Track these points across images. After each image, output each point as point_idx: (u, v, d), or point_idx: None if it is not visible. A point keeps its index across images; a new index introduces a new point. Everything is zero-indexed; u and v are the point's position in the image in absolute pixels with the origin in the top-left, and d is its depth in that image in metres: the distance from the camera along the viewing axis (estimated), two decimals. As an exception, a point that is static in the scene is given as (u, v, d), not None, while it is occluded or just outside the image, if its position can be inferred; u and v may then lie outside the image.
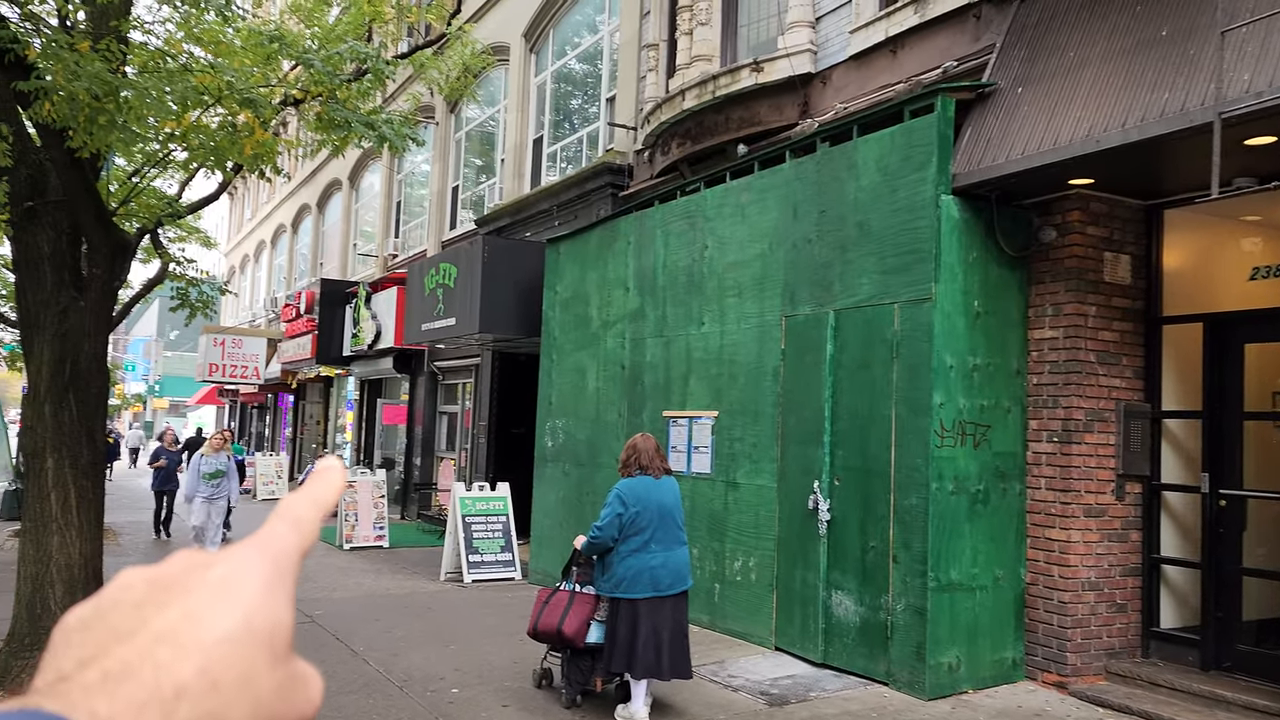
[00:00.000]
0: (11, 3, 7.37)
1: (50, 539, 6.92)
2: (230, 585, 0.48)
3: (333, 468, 0.57)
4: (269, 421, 32.77)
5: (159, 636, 0.45)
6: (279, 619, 0.48)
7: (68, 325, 7.04)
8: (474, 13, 16.94)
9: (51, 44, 5.78)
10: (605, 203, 12.60)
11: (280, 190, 31.73)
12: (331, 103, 7.17)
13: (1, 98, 6.63)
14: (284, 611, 0.49)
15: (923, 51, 8.44)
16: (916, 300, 6.99)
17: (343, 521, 14.21)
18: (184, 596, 0.47)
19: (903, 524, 6.93)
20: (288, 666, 0.48)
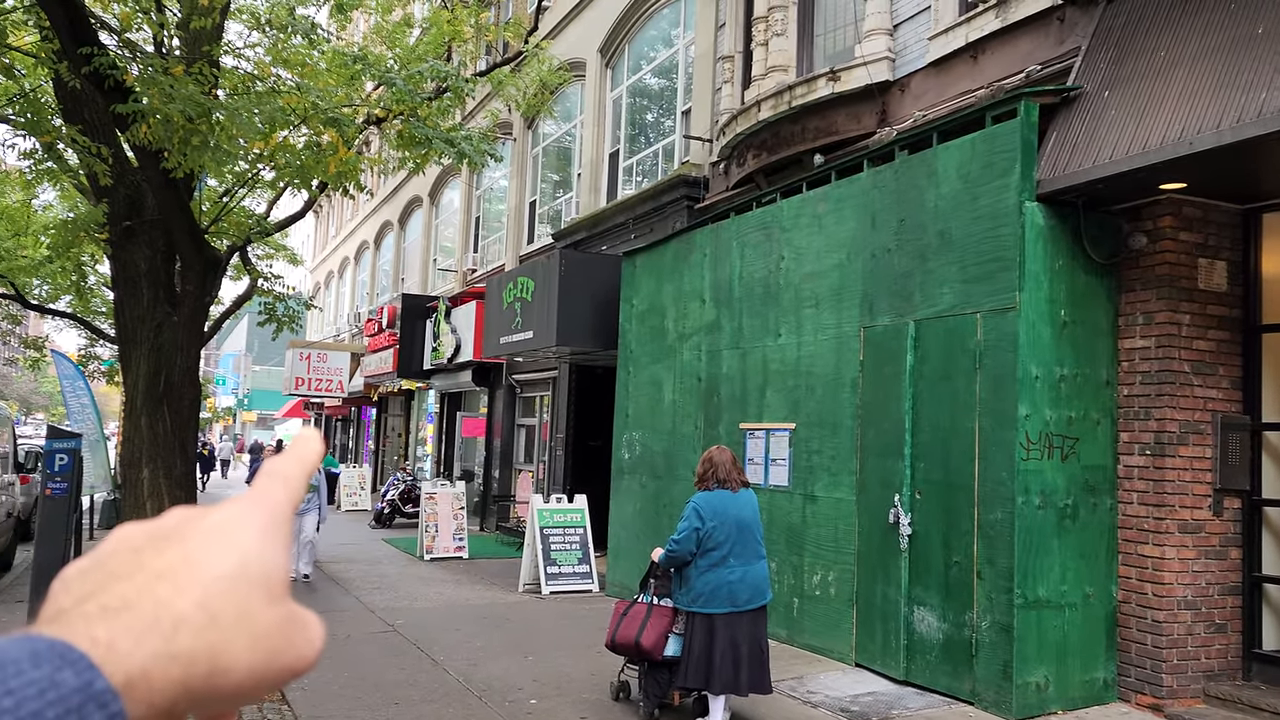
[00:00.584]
0: (110, 30, 7.70)
1: (145, 546, 7.17)
2: (226, 531, 0.50)
3: (311, 435, 0.59)
4: (352, 434, 33.51)
5: (158, 574, 0.46)
6: (273, 562, 0.50)
7: (162, 340, 7.30)
8: (551, 30, 17.15)
9: (148, 68, 6.02)
10: (681, 215, 12.61)
11: (363, 208, 32.51)
12: (413, 121, 7.32)
13: (102, 121, 6.93)
14: (278, 556, 0.51)
15: (1004, 56, 8.28)
16: (1000, 309, 6.83)
17: (423, 533, 14.43)
18: (181, 543, 0.49)
19: (987, 539, 6.76)
20: (285, 608, 0.50)
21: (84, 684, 0.41)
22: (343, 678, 7.57)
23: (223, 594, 0.47)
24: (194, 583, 0.47)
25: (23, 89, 8.42)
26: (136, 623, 0.44)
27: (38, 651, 0.41)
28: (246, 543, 0.49)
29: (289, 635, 0.50)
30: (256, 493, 0.53)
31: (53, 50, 6.85)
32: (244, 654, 0.47)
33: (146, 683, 0.43)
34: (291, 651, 0.49)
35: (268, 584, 0.49)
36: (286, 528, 0.53)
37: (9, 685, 0.39)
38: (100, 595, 0.46)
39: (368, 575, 12.75)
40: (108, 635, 0.44)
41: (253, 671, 0.47)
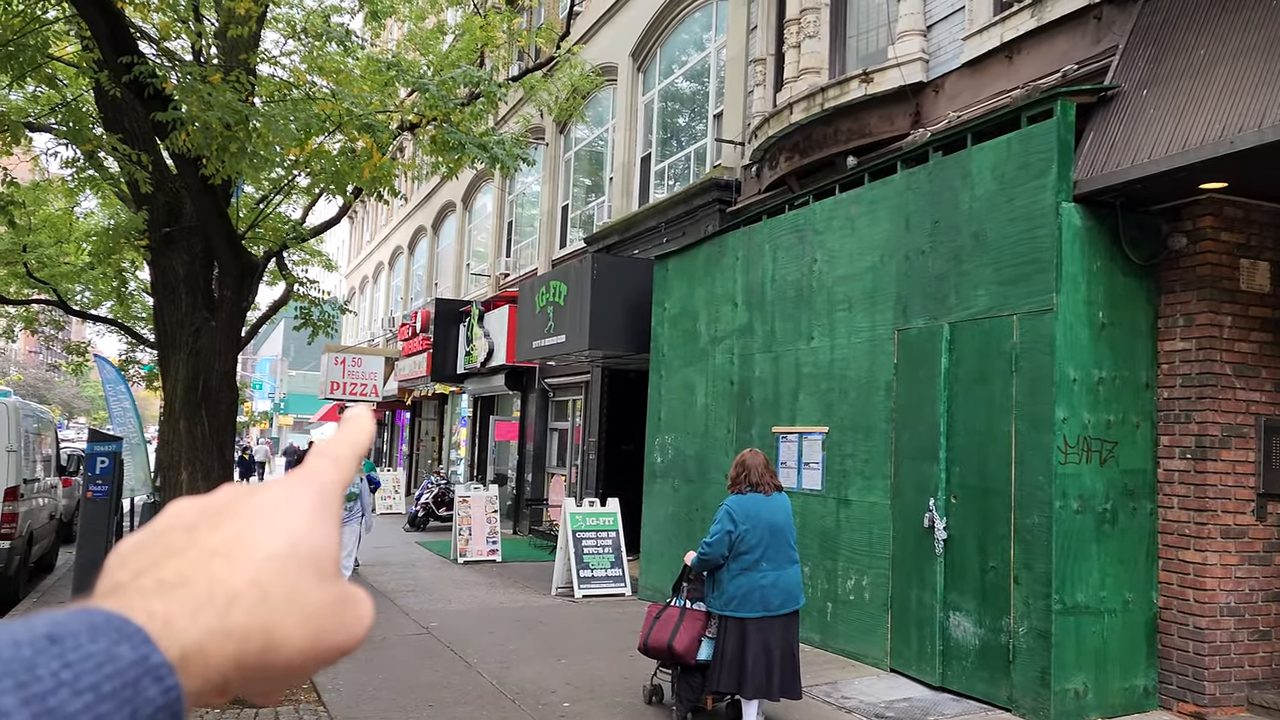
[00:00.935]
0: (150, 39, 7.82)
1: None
2: (278, 509, 0.51)
3: (361, 414, 0.60)
4: (386, 438, 33.77)
5: (213, 551, 0.47)
6: (324, 542, 0.51)
7: (200, 344, 7.40)
8: (582, 35, 17.21)
9: (186, 76, 6.11)
10: (713, 219, 12.60)
11: (397, 213, 32.78)
12: (446, 126, 7.37)
13: (142, 129, 7.04)
14: (329, 536, 0.52)
15: (1040, 56, 8.19)
16: (1037, 311, 6.75)
17: (456, 536, 14.50)
18: (235, 519, 0.49)
19: (1024, 544, 6.68)
20: (335, 587, 0.51)
21: (141, 657, 0.42)
22: (377, 679, 7.62)
23: (275, 572, 0.48)
24: (247, 560, 0.47)
25: (64, 98, 8.58)
26: (192, 598, 0.45)
27: (95, 625, 0.42)
28: (296, 522, 0.50)
29: (339, 613, 0.50)
30: (306, 472, 0.54)
31: (93, 59, 6.98)
32: (295, 631, 0.48)
33: (202, 657, 0.44)
34: (342, 630, 0.50)
35: (318, 563, 0.50)
36: (336, 507, 0.53)
37: (68, 658, 0.40)
38: (156, 570, 0.47)
39: (402, 578, 12.83)
40: (164, 610, 0.44)
41: (303, 649, 0.48)
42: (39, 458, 12.23)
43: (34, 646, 0.40)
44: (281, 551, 0.49)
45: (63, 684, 0.39)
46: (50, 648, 0.40)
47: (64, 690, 0.39)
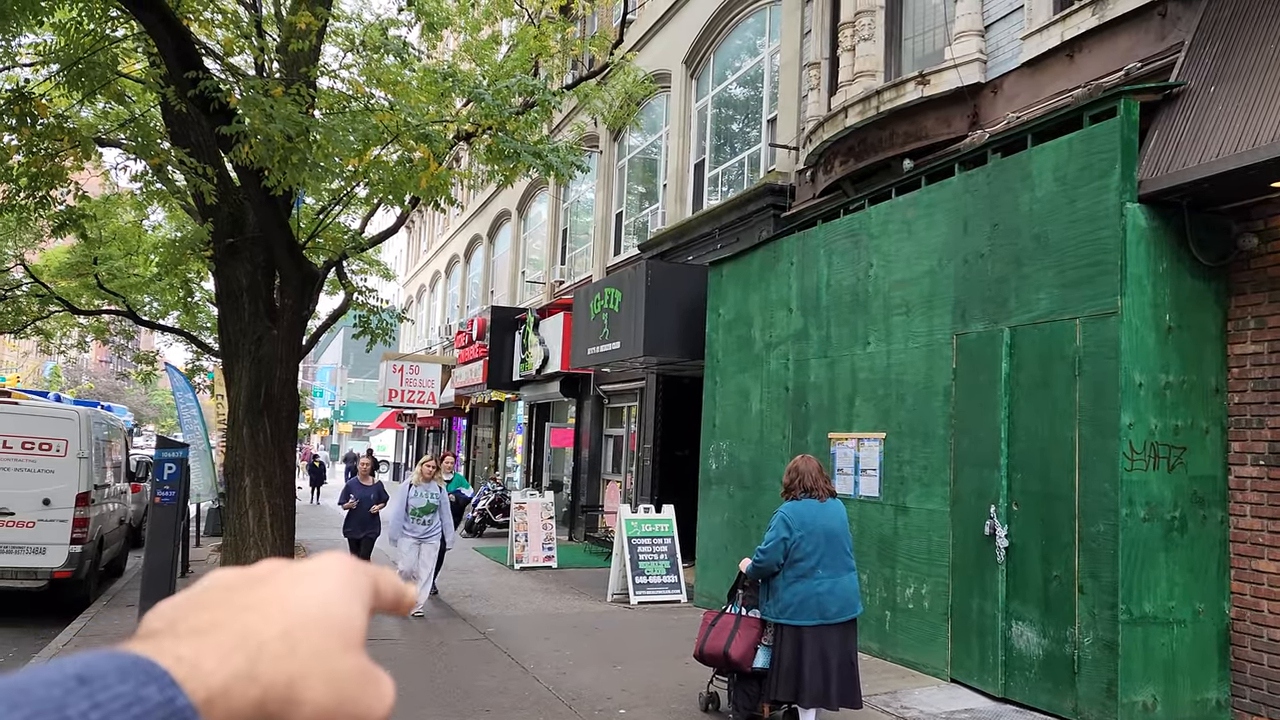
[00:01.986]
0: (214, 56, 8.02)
1: (249, 553, 7.41)
2: (314, 577, 0.53)
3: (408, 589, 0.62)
4: (444, 445, 34.12)
5: (246, 606, 0.49)
6: (353, 614, 0.53)
7: (262, 352, 7.54)
8: (636, 42, 17.26)
9: (250, 90, 6.25)
10: (767, 224, 12.54)
11: (453, 222, 33.16)
12: (501, 135, 7.43)
13: (207, 142, 7.21)
14: (358, 611, 0.54)
15: (1102, 54, 8.02)
16: (1101, 315, 6.60)
17: (513, 542, 14.59)
18: (272, 585, 0.52)
19: (1089, 552, 6.53)
20: (360, 660, 0.52)
21: (166, 699, 0.43)
22: (435, 683, 7.69)
23: (305, 630, 0.49)
24: (280, 615, 0.49)
25: (132, 114, 8.82)
26: (223, 644, 0.46)
27: (123, 668, 0.43)
28: (331, 590, 0.52)
29: (361, 685, 0.51)
30: (349, 560, 0.57)
31: (160, 75, 7.17)
32: (318, 691, 0.48)
33: (226, 701, 0.45)
34: (362, 702, 0.51)
35: (347, 632, 0.51)
36: (368, 594, 0.56)
37: (97, 699, 0.41)
38: (189, 620, 0.48)
39: (459, 583, 12.94)
40: (193, 654, 0.45)
41: (324, 709, 0.49)
42: (109, 464, 12.57)
43: (64, 687, 0.41)
44: (313, 612, 0.50)
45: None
46: (79, 688, 0.41)
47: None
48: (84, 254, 13.56)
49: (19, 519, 10.38)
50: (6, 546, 10.34)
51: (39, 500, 10.50)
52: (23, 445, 10.61)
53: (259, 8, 8.53)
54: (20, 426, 10.68)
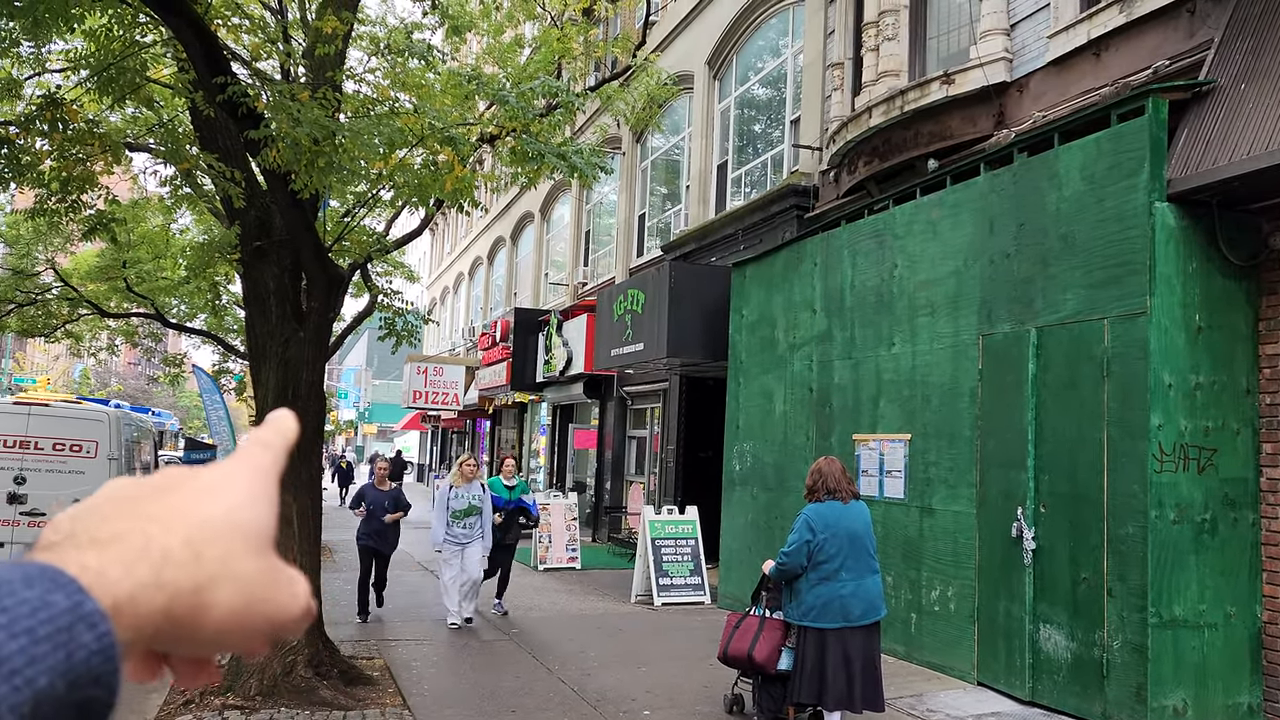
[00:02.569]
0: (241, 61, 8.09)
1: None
2: (216, 485, 0.54)
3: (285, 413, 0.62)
4: (467, 446, 34.25)
5: (149, 517, 0.50)
6: (260, 516, 0.53)
7: (289, 354, 7.60)
8: (658, 44, 17.27)
9: (277, 94, 6.30)
10: (790, 225, 12.51)
11: (477, 225, 33.29)
12: (525, 137, 7.45)
13: (235, 147, 7.28)
14: (265, 512, 0.54)
15: (1130, 52, 7.95)
16: (1129, 315, 6.54)
17: (536, 543, 14.62)
18: (174, 494, 0.52)
19: (1118, 554, 6.47)
20: (269, 561, 0.53)
21: (73, 605, 0.44)
22: (461, 685, 7.72)
23: (208, 537, 0.50)
24: (182, 524, 0.50)
25: (161, 119, 8.91)
26: (126, 553, 0.47)
27: (29, 575, 0.44)
28: (234, 496, 0.53)
29: (272, 586, 0.52)
30: (244, 455, 0.57)
31: (189, 80, 7.24)
32: (225, 594, 0.49)
33: (133, 608, 0.46)
34: (273, 602, 0.52)
35: (253, 534, 0.52)
36: (273, 488, 0.56)
37: (3, 604, 0.42)
38: (91, 531, 0.49)
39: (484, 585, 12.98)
40: (98, 563, 0.46)
41: (233, 612, 0.50)
42: (138, 465, 12.70)
43: None
44: (217, 518, 0.51)
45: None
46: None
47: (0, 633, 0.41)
48: (113, 258, 13.72)
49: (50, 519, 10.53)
50: (38, 546, 10.48)
51: (70, 501, 10.63)
52: (54, 446, 10.76)
53: (285, 13, 8.60)
54: (51, 428, 10.83)
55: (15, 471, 10.58)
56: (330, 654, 7.51)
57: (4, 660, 0.41)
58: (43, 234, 13.35)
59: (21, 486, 10.54)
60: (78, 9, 6.15)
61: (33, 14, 5.89)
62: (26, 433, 10.71)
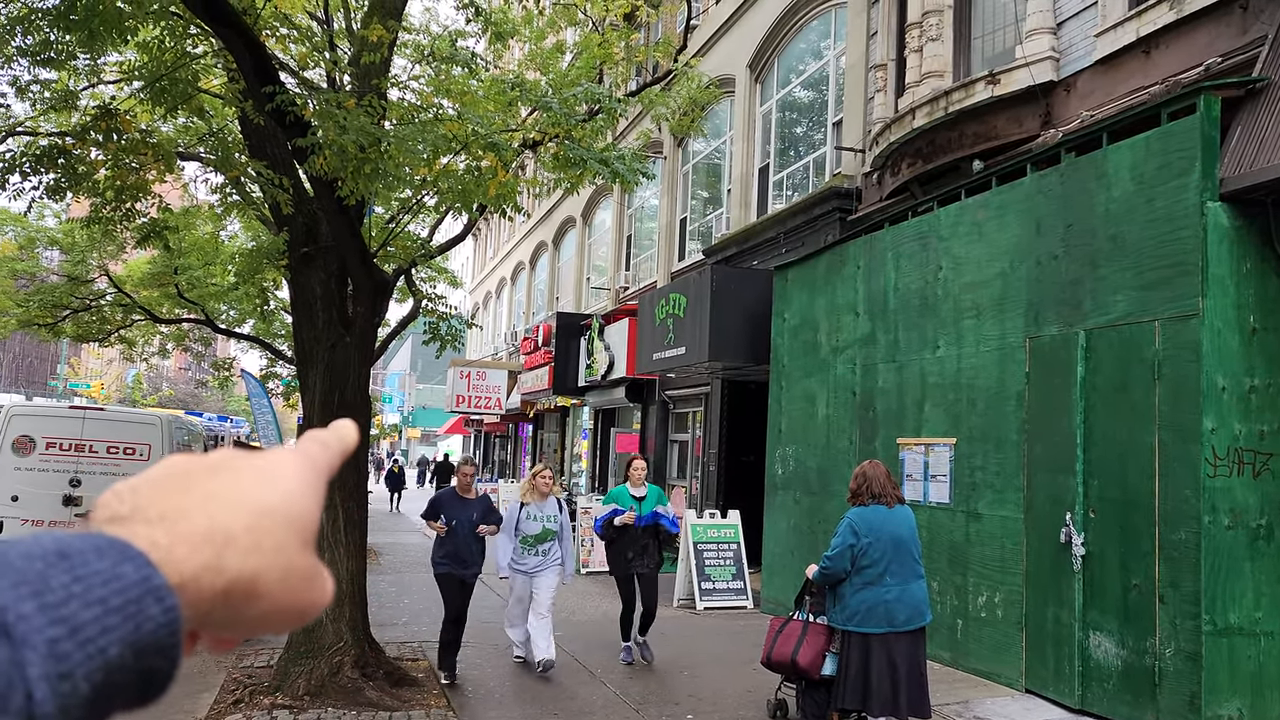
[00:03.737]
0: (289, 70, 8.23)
1: (321, 555, 7.50)
2: (273, 472, 0.54)
3: (348, 424, 0.63)
4: (510, 450, 34.44)
5: (211, 495, 0.51)
6: (311, 511, 0.54)
7: (336, 358, 7.70)
8: (700, 48, 17.27)
9: (324, 102, 6.40)
10: (833, 228, 12.44)
11: (519, 230, 33.50)
12: (567, 142, 7.50)
13: (283, 155, 7.40)
14: (314, 508, 0.55)
15: (1180, 50, 7.81)
16: (1181, 317, 6.42)
17: (579, 547, 14.66)
18: (232, 474, 0.53)
19: (1170, 561, 6.34)
20: (311, 556, 0.54)
21: (143, 578, 0.45)
22: (504, 686, 7.76)
23: (267, 526, 0.51)
24: (244, 508, 0.51)
25: (211, 129, 9.09)
26: (193, 533, 0.49)
27: (100, 547, 0.45)
28: (291, 487, 0.54)
29: (308, 581, 0.53)
30: (301, 449, 0.58)
31: (238, 90, 7.37)
32: (275, 584, 0.51)
33: (195, 586, 0.47)
34: (305, 596, 0.53)
35: (303, 529, 0.53)
36: (323, 485, 0.57)
37: (77, 573, 0.43)
38: (156, 506, 0.50)
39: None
40: (167, 540, 0.48)
41: (276, 603, 0.51)
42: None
43: (45, 560, 0.43)
44: (276, 508, 0.52)
45: (73, 595, 0.43)
46: (60, 562, 0.43)
47: (75, 601, 0.42)
48: (165, 264, 13.99)
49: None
50: (93, 547, 10.71)
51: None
52: (108, 450, 10.99)
53: (331, 22, 8.73)
54: (105, 432, 11.07)
55: (71, 474, 10.82)
56: (376, 655, 7.59)
57: (80, 628, 0.42)
58: (97, 241, 13.65)
59: (77, 489, 10.78)
60: (132, 21, 6.30)
61: (88, 27, 6.04)
62: (82, 436, 10.96)
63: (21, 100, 8.13)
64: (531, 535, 8.08)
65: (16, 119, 9.16)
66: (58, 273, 16.19)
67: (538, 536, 8.10)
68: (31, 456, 10.82)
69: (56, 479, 10.79)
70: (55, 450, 10.87)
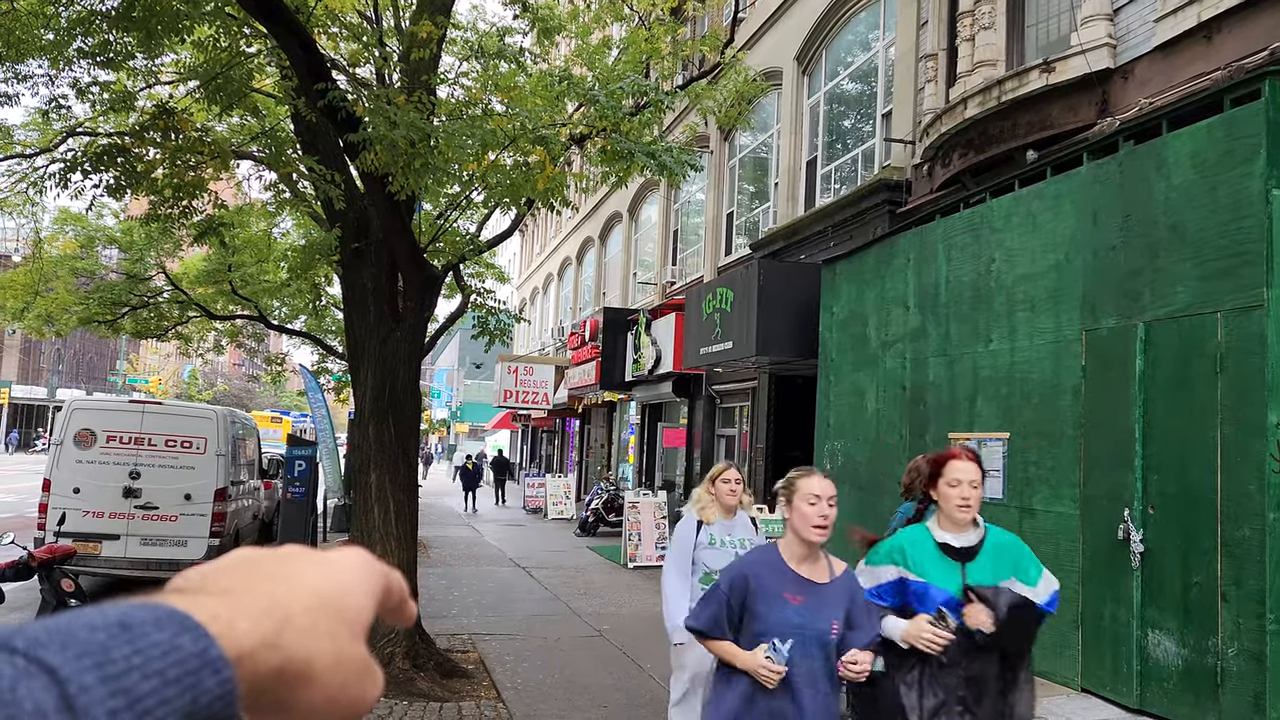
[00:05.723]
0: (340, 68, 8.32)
1: (374, 548, 7.64)
2: (334, 566, 0.57)
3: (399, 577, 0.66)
4: (557, 445, 34.61)
5: (274, 576, 0.53)
6: (365, 607, 0.57)
7: (386, 352, 7.79)
8: (746, 41, 17.18)
9: (374, 98, 6.47)
10: (882, 220, 12.31)
11: (566, 225, 33.62)
12: (614, 136, 7.50)
13: (334, 151, 7.49)
14: (369, 605, 0.57)
15: (1243, 33, 7.60)
16: (1244, 308, 6.25)
17: (626, 541, 14.69)
18: (295, 563, 0.55)
19: (1233, 558, 6.18)
20: (363, 650, 0.55)
21: (201, 650, 0.46)
22: (553, 679, 7.80)
23: (324, 611, 0.53)
24: (304, 592, 0.53)
25: (265, 127, 9.23)
26: (254, 608, 0.50)
27: (159, 618, 0.46)
28: (349, 581, 0.57)
29: (360, 673, 0.54)
30: (365, 555, 0.62)
31: (291, 88, 7.48)
32: (326, 670, 0.52)
33: (251, 662, 0.48)
34: (357, 689, 0.54)
35: (357, 622, 0.55)
36: (379, 594, 0.60)
37: (138, 645, 0.44)
38: (222, 583, 0.52)
39: (574, 581, 13.10)
40: (228, 613, 0.48)
41: (326, 691, 0.52)
42: (244, 462, 13.16)
43: (108, 632, 0.44)
44: (333, 596, 0.54)
45: (134, 667, 0.43)
46: (122, 634, 0.44)
47: (135, 673, 0.43)
48: (219, 262, 14.25)
49: (163, 513, 10.98)
50: (152, 539, 10.94)
51: (181, 495, 11.08)
52: (166, 443, 11.22)
53: (381, 20, 8.82)
54: (164, 425, 11.30)
55: (130, 467, 11.06)
56: (426, 646, 7.67)
57: (139, 700, 0.43)
58: (155, 239, 13.94)
59: (137, 481, 11.02)
60: (188, 21, 6.41)
61: (146, 26, 6.15)
62: (141, 429, 11.19)
63: (81, 101, 8.33)
64: (717, 569, 4.93)
65: (77, 120, 9.38)
66: (117, 271, 16.57)
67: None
68: (93, 449, 11.08)
69: (117, 471, 11.04)
70: (116, 443, 11.12)
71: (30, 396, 57.49)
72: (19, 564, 7.49)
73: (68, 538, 9.73)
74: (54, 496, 10.81)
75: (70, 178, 7.39)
